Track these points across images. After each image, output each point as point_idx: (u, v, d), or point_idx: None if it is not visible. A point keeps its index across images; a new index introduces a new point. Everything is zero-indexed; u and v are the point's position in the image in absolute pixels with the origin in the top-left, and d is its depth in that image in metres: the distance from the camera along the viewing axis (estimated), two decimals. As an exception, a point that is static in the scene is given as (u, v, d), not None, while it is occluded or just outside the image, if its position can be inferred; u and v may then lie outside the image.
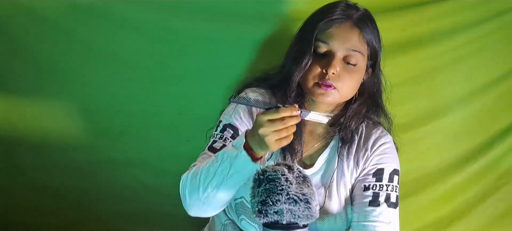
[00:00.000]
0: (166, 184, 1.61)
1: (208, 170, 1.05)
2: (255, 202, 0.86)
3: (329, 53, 1.12)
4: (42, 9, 1.52)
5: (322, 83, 1.12)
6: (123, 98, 1.59)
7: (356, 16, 1.15)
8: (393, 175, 1.17)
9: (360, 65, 1.15)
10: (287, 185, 0.85)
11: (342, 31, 1.12)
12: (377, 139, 1.20)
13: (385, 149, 1.19)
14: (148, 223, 1.68)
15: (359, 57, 1.14)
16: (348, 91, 1.15)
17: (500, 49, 1.59)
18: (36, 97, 1.60)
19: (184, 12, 1.52)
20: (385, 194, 1.14)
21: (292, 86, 1.16)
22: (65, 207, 1.68)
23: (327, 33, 1.12)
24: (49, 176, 1.66)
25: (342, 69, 1.12)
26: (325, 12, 1.15)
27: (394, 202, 1.15)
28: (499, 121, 1.63)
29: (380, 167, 1.17)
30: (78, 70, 1.57)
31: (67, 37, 1.55)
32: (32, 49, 1.56)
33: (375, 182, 1.15)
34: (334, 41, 1.12)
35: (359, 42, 1.13)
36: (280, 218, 0.84)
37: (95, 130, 1.62)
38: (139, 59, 1.56)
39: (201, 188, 1.05)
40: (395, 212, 1.15)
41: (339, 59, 1.12)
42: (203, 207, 1.08)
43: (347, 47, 1.12)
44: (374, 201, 1.14)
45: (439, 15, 1.55)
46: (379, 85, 1.24)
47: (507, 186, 1.65)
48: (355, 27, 1.13)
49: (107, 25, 1.53)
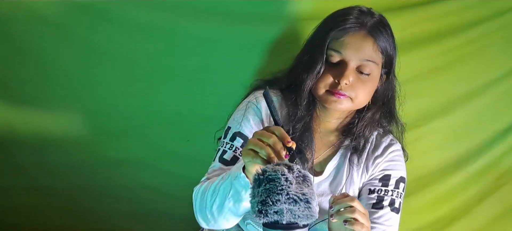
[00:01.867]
0: (165, 184, 1.61)
1: (214, 189, 1.04)
2: (255, 202, 0.85)
3: (342, 62, 1.09)
4: (43, 9, 1.52)
5: (334, 92, 1.09)
6: (123, 98, 1.59)
7: (370, 24, 1.10)
8: (400, 182, 1.17)
9: (374, 74, 1.12)
10: (287, 185, 0.85)
11: (356, 40, 1.08)
12: (387, 146, 1.18)
13: (394, 157, 1.18)
14: (148, 223, 1.68)
15: (373, 66, 1.10)
16: (362, 100, 1.12)
17: (500, 49, 1.59)
18: (36, 98, 1.60)
19: (185, 12, 1.52)
20: (390, 199, 1.13)
21: (303, 95, 1.13)
22: (65, 207, 1.68)
23: (340, 42, 1.08)
24: (49, 176, 1.66)
25: (355, 79, 1.09)
26: (338, 19, 1.11)
27: (397, 207, 1.14)
28: (499, 121, 1.62)
29: (387, 173, 1.16)
30: (78, 70, 1.57)
31: (67, 37, 1.55)
32: (32, 49, 1.56)
33: (380, 186, 1.15)
34: (347, 50, 1.08)
35: (373, 51, 1.10)
36: (280, 218, 0.84)
37: (95, 130, 1.61)
38: (139, 59, 1.56)
39: (208, 206, 1.05)
40: (397, 217, 1.15)
41: (352, 69, 1.09)
42: (214, 224, 1.08)
43: (361, 57, 1.09)
44: (377, 204, 1.13)
45: (439, 15, 1.55)
46: (393, 91, 1.21)
47: (507, 186, 1.65)
48: (369, 36, 1.09)
49: (107, 25, 1.53)
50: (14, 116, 1.61)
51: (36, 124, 1.62)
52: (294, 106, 1.15)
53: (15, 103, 1.61)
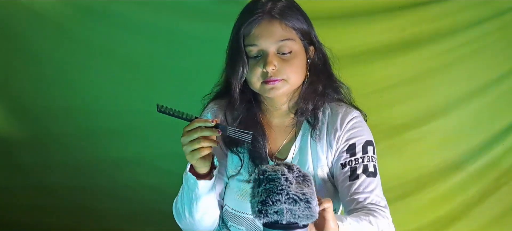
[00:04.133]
0: (165, 183, 1.61)
1: (181, 198, 1.16)
2: (255, 202, 0.85)
3: (262, 52, 1.14)
4: (43, 9, 1.52)
5: (268, 80, 1.13)
6: (123, 98, 1.59)
7: (271, 7, 1.14)
8: (366, 146, 1.18)
9: (295, 49, 1.15)
10: (287, 184, 0.85)
11: (264, 28, 1.13)
12: (343, 117, 1.19)
13: (353, 124, 1.19)
14: (148, 222, 1.68)
15: (291, 43, 1.14)
16: (296, 77, 1.16)
17: (500, 49, 1.59)
18: (36, 97, 1.60)
19: (185, 13, 1.52)
20: (362, 166, 1.15)
21: (235, 97, 1.18)
22: (65, 207, 1.68)
23: (252, 36, 1.13)
24: (49, 176, 1.66)
25: (280, 62, 1.13)
26: (244, 16, 1.16)
27: (372, 171, 1.15)
28: (499, 121, 1.62)
29: (352, 142, 1.17)
30: (78, 70, 1.57)
31: (68, 37, 1.55)
32: (33, 49, 1.56)
33: (349, 157, 1.16)
34: (261, 40, 1.12)
35: (284, 31, 1.13)
36: (280, 218, 0.84)
37: (95, 129, 1.62)
38: (139, 59, 1.56)
39: (182, 215, 1.16)
40: (376, 179, 1.15)
41: (273, 54, 1.13)
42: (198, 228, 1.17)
43: (276, 40, 1.13)
44: (352, 175, 1.15)
45: (439, 15, 1.55)
46: (325, 58, 1.23)
47: (507, 186, 1.65)
48: (274, 19, 1.13)
49: (107, 25, 1.53)
50: (14, 116, 1.61)
51: (36, 124, 1.62)
52: (231, 110, 1.20)
53: (15, 103, 1.61)
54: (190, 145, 1.02)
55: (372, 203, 1.13)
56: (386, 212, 1.13)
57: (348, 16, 1.57)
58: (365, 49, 1.58)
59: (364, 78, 1.59)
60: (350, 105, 1.24)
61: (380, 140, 1.38)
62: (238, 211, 1.19)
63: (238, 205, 1.19)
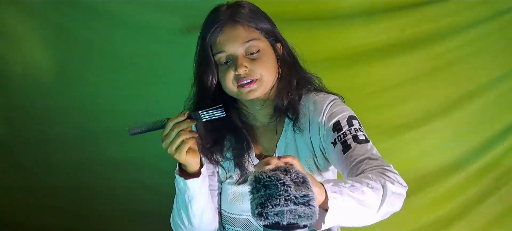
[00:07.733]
0: (165, 184, 1.61)
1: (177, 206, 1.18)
2: (255, 204, 0.85)
3: (231, 57, 1.16)
4: (43, 10, 1.52)
5: (243, 84, 1.15)
6: (123, 98, 1.59)
7: (230, 13, 1.16)
8: (351, 120, 1.18)
9: (263, 47, 1.17)
10: (285, 188, 0.85)
11: (228, 33, 1.15)
12: (322, 102, 1.20)
13: (331, 106, 1.20)
14: (148, 223, 1.68)
15: (257, 42, 1.16)
16: (269, 75, 1.17)
17: (500, 49, 1.59)
18: (36, 97, 1.60)
19: (185, 13, 1.52)
20: (351, 136, 1.15)
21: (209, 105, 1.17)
22: (65, 207, 1.68)
23: (218, 43, 1.15)
24: (49, 176, 1.66)
25: (250, 62, 1.15)
26: (208, 26, 1.18)
27: (363, 139, 1.14)
28: (499, 121, 1.63)
29: (335, 120, 1.18)
30: (78, 70, 1.57)
31: (68, 37, 1.55)
32: (32, 49, 1.56)
33: (337, 133, 1.16)
34: (227, 45, 1.15)
35: (247, 32, 1.15)
36: (281, 219, 0.84)
37: (95, 130, 1.62)
38: (139, 59, 1.56)
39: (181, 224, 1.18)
40: (369, 144, 1.15)
41: (242, 57, 1.15)
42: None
43: (241, 43, 1.15)
44: (345, 148, 1.14)
45: (439, 15, 1.55)
46: (291, 52, 1.25)
47: (507, 186, 1.65)
48: (236, 23, 1.15)
49: (107, 25, 1.53)
50: (14, 116, 1.61)
51: (36, 124, 1.62)
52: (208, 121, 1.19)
53: (15, 103, 1.61)
54: (173, 144, 1.06)
55: (372, 158, 1.10)
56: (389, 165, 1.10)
57: (348, 16, 1.57)
58: (365, 49, 1.58)
59: (364, 78, 1.60)
60: (328, 92, 1.25)
61: (380, 140, 1.38)
62: (232, 213, 1.21)
63: (231, 207, 1.21)
